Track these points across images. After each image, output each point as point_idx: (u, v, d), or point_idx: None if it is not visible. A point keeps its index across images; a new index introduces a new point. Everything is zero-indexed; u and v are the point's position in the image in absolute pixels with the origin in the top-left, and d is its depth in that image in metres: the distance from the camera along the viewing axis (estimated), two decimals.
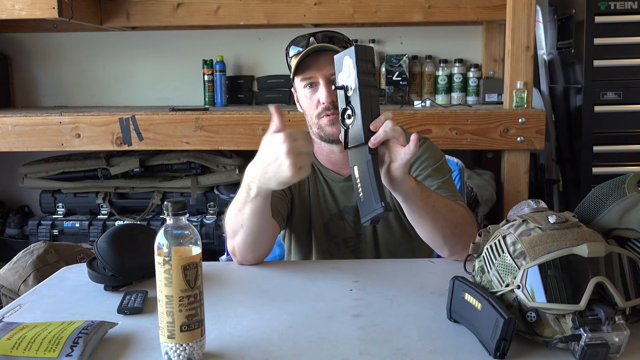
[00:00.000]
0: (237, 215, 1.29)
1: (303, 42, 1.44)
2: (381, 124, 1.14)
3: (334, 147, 1.52)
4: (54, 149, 2.83)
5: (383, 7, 3.10)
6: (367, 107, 1.15)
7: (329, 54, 1.40)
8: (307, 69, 1.44)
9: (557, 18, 2.98)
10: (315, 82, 1.45)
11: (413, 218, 1.29)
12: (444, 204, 1.30)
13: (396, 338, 0.99)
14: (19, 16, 2.79)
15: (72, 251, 2.18)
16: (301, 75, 1.45)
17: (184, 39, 3.45)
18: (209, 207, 3.02)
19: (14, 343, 0.91)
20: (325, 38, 1.43)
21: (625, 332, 0.87)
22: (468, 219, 1.35)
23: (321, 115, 1.45)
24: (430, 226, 1.29)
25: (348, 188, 1.55)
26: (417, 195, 1.23)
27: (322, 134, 1.47)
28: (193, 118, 2.73)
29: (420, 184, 1.26)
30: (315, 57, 1.43)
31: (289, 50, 1.48)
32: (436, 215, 1.27)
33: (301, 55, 1.42)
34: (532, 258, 0.92)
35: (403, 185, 1.19)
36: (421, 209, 1.26)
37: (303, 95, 1.48)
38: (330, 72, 1.41)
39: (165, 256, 0.89)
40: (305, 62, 1.43)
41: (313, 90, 1.46)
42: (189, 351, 0.91)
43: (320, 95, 1.44)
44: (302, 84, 1.47)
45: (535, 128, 2.57)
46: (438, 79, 3.24)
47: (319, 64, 1.43)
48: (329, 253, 1.56)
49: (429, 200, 1.26)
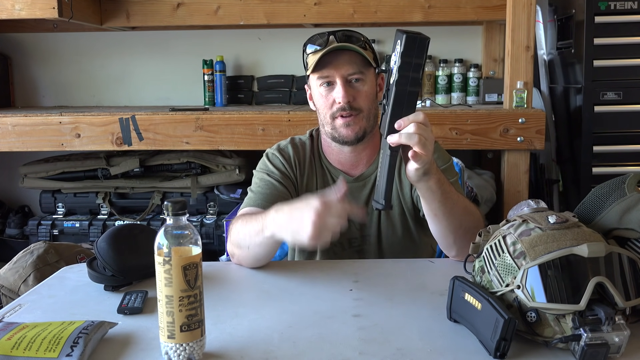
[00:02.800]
0: (246, 236, 1.30)
1: (322, 40, 1.43)
2: (406, 124, 1.12)
3: (344, 148, 1.51)
4: (54, 149, 2.82)
5: (383, 7, 3.10)
6: (398, 104, 1.12)
7: (347, 54, 1.40)
8: (325, 67, 1.43)
9: (557, 18, 2.98)
10: (332, 81, 1.44)
11: (428, 214, 1.31)
12: (462, 208, 1.30)
13: (396, 338, 0.99)
14: (19, 16, 2.79)
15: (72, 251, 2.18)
16: (318, 73, 1.44)
17: (184, 39, 3.45)
18: (209, 207, 3.02)
19: (14, 343, 0.91)
20: (344, 37, 1.42)
21: (625, 332, 0.87)
22: (481, 224, 1.35)
23: (336, 115, 1.44)
24: (444, 225, 1.30)
25: (356, 189, 1.54)
26: (436, 196, 1.24)
27: (335, 134, 1.47)
28: (193, 118, 2.73)
29: (442, 186, 1.24)
30: (334, 56, 1.42)
31: (306, 47, 1.47)
32: (451, 216, 1.28)
33: (322, 53, 1.41)
34: (532, 258, 0.93)
35: (418, 184, 1.21)
36: (437, 209, 1.27)
37: (318, 94, 1.47)
38: (348, 71, 1.42)
39: (165, 256, 0.89)
40: (324, 60, 1.42)
41: (329, 89, 1.45)
42: (189, 351, 0.91)
43: (336, 94, 1.43)
44: (318, 82, 1.46)
45: (535, 128, 2.57)
46: (438, 79, 3.24)
47: (338, 63, 1.42)
48: (333, 253, 1.56)
49: (447, 203, 1.26)
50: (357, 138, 1.46)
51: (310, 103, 1.55)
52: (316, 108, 1.51)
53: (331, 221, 1.08)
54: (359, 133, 1.45)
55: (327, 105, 1.45)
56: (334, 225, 1.08)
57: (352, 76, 1.42)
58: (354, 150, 1.51)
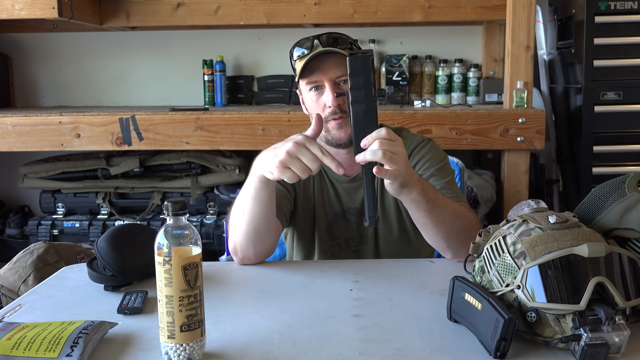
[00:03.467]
0: (239, 203, 1.32)
1: (307, 44, 1.42)
2: (370, 142, 1.12)
3: (340, 150, 1.51)
4: (54, 149, 2.83)
5: (383, 7, 3.10)
6: (358, 124, 1.14)
7: (334, 57, 1.39)
8: (313, 72, 1.42)
9: (557, 18, 2.98)
10: (321, 85, 1.43)
11: (417, 222, 1.31)
12: (451, 212, 1.30)
13: (396, 338, 0.99)
14: (19, 16, 2.79)
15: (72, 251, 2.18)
16: (306, 78, 1.43)
17: (184, 39, 3.45)
18: (209, 207, 3.02)
19: (14, 343, 0.91)
20: (330, 40, 1.41)
21: (626, 332, 0.87)
22: (475, 223, 1.35)
23: (328, 119, 1.44)
24: (434, 233, 1.30)
25: (352, 189, 1.54)
26: (421, 206, 1.24)
27: (329, 137, 1.46)
28: (193, 118, 2.73)
29: (427, 195, 1.24)
30: (321, 60, 1.41)
31: (293, 52, 1.46)
32: (440, 224, 1.28)
33: (305, 60, 1.40)
34: (532, 258, 0.92)
35: (401, 196, 1.21)
36: (424, 218, 1.27)
37: (309, 99, 1.47)
38: (337, 74, 1.41)
39: (165, 256, 0.89)
40: (310, 65, 1.41)
41: (319, 94, 1.44)
42: (189, 351, 0.91)
43: (326, 99, 1.42)
44: (307, 87, 1.45)
45: (535, 128, 2.57)
46: (438, 79, 3.24)
47: (325, 67, 1.41)
48: (331, 253, 1.56)
49: (434, 211, 1.26)
50: (350, 139, 1.45)
51: (303, 107, 1.54)
52: (308, 113, 1.51)
53: (304, 156, 1.13)
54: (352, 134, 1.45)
55: (319, 109, 1.44)
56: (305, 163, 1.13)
57: (340, 79, 1.41)
58: (349, 151, 1.51)
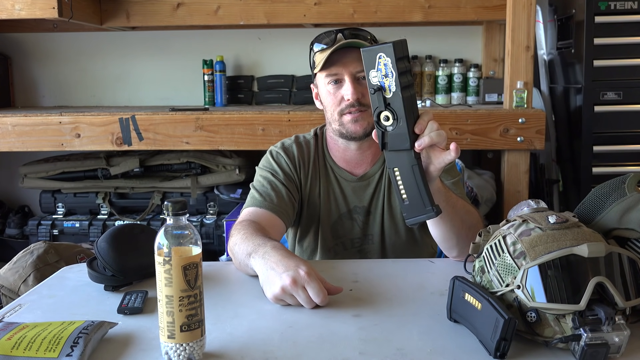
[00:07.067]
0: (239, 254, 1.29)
1: (329, 39, 1.43)
2: (425, 125, 1.12)
3: (351, 145, 1.52)
4: (54, 149, 2.83)
5: (383, 7, 3.10)
6: (410, 110, 1.11)
7: (354, 51, 1.40)
8: (333, 65, 1.43)
9: (557, 18, 2.98)
10: (341, 78, 1.44)
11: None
12: (462, 206, 1.32)
13: (396, 338, 0.99)
14: (19, 16, 2.79)
15: (72, 251, 2.18)
16: (326, 71, 1.45)
17: (184, 39, 3.45)
18: (209, 207, 3.02)
19: (14, 343, 0.91)
20: (352, 34, 1.43)
21: (625, 332, 0.87)
22: (480, 222, 1.36)
23: (344, 112, 1.45)
24: (449, 226, 1.30)
25: (360, 188, 1.55)
26: (442, 195, 1.24)
27: (343, 130, 1.47)
28: (193, 118, 2.73)
29: (445, 185, 1.26)
30: (342, 53, 1.42)
31: (314, 46, 1.47)
32: (455, 216, 1.29)
33: (331, 51, 1.41)
34: (532, 258, 0.92)
35: (432, 185, 1.20)
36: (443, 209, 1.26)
37: (326, 91, 1.48)
38: (357, 69, 1.42)
39: (165, 256, 0.89)
40: (331, 59, 1.43)
41: (337, 87, 1.45)
42: (189, 351, 0.91)
43: (345, 92, 1.44)
44: (326, 80, 1.46)
45: (535, 128, 2.57)
46: (438, 79, 3.24)
47: (345, 60, 1.43)
48: (334, 252, 1.56)
49: (450, 201, 1.27)
50: (365, 133, 1.47)
51: (316, 102, 1.56)
52: (323, 106, 1.52)
53: (298, 296, 1.10)
54: (367, 128, 1.46)
55: (336, 102, 1.46)
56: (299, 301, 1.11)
57: (360, 73, 1.43)
58: (360, 147, 1.52)
